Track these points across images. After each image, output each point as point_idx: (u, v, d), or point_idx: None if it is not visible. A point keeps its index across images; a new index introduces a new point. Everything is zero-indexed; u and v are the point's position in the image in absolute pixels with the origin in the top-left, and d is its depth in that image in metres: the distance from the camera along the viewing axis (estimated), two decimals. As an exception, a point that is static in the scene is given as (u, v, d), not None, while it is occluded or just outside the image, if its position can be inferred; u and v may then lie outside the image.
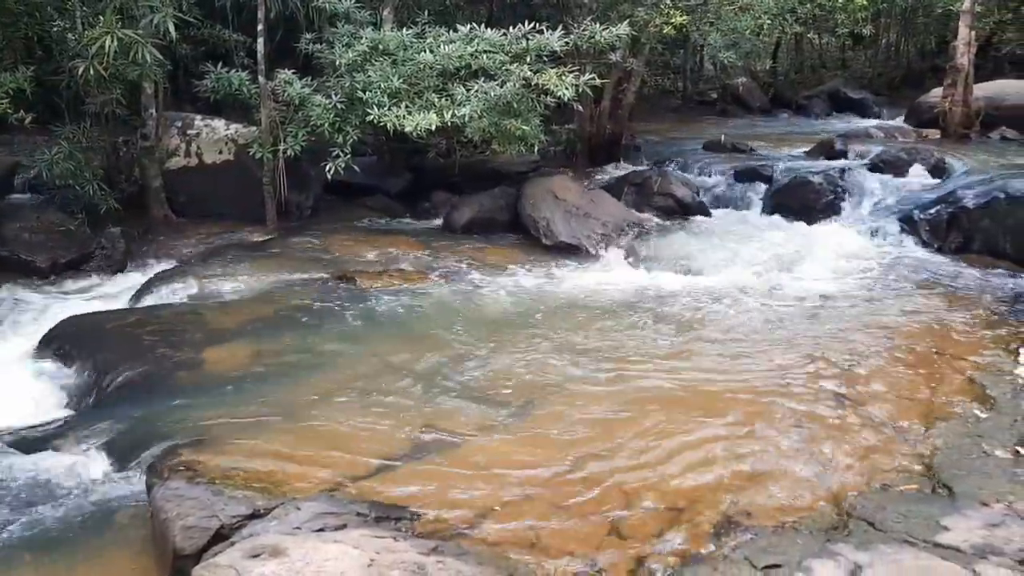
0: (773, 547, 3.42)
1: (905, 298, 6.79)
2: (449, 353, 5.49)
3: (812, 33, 19.19)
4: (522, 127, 7.67)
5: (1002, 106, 12.31)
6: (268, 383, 5.02)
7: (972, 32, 12.04)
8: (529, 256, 7.81)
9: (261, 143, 7.85)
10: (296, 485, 3.90)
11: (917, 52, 19.96)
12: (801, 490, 3.92)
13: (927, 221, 8.37)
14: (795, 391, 4.94)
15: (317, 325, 5.99)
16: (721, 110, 16.44)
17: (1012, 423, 4.48)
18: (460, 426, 4.50)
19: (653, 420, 4.57)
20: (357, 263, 7.35)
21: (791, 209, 9.24)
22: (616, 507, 3.78)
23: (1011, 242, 7.65)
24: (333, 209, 8.95)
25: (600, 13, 9.73)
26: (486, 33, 7.67)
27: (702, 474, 4.04)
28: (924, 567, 3.16)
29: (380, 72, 7.56)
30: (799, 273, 7.41)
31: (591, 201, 8.60)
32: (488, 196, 8.84)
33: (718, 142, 11.84)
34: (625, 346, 5.68)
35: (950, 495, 3.78)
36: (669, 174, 9.88)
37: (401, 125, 7.13)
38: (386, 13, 8.73)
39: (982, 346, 5.72)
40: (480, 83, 7.47)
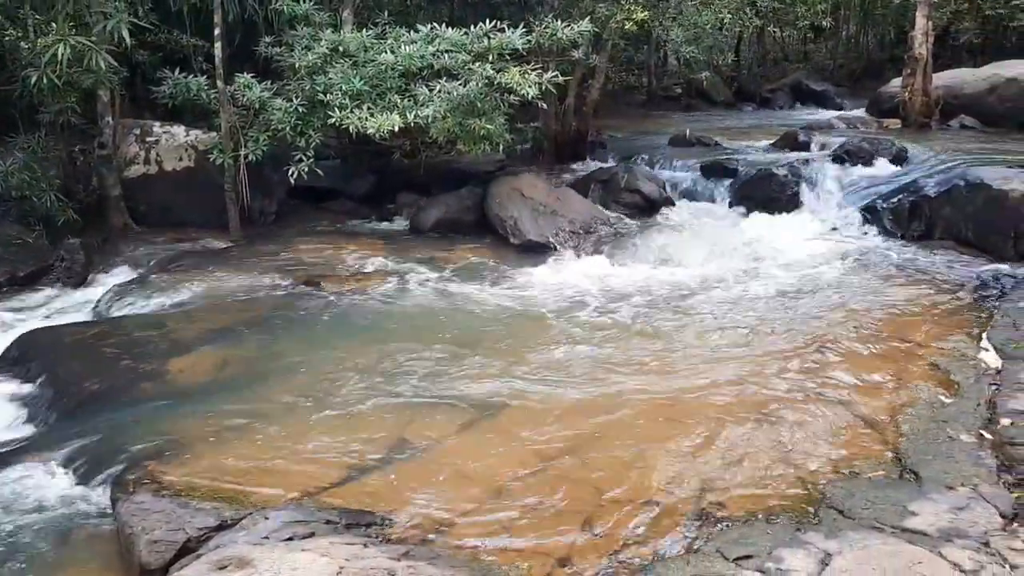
0: (745, 538, 3.43)
1: (870, 287, 6.86)
2: (417, 357, 5.45)
3: (772, 27, 19.35)
4: (486, 126, 7.63)
5: (961, 94, 12.48)
6: (234, 392, 4.95)
7: (929, 22, 12.22)
8: (497, 256, 7.79)
9: (222, 149, 7.75)
10: (265, 494, 3.85)
11: (877, 43, 20.21)
12: (772, 480, 3.94)
13: (890, 210, 8.47)
14: (764, 382, 4.97)
15: (283, 332, 5.92)
16: (686, 105, 16.52)
17: (976, 407, 4.53)
18: (430, 430, 4.47)
19: (624, 416, 4.57)
20: (322, 268, 7.29)
21: (757, 202, 9.30)
22: (588, 504, 3.77)
23: (972, 229, 7.76)
24: (297, 214, 8.86)
25: (562, 10, 9.73)
26: (447, 32, 7.64)
27: (674, 468, 4.04)
28: (892, 552, 3.18)
29: (341, 74, 7.50)
30: (765, 265, 7.46)
31: (558, 199, 8.60)
32: (454, 196, 8.81)
33: (683, 137, 11.88)
34: (595, 343, 5.67)
35: (917, 480, 3.82)
36: (636, 170, 9.90)
37: (364, 127, 7.07)
38: (346, 14, 8.65)
39: (946, 332, 5.78)
40: (443, 83, 7.43)
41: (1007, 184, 7.62)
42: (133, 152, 8.21)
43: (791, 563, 3.18)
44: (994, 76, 12.36)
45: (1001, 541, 3.23)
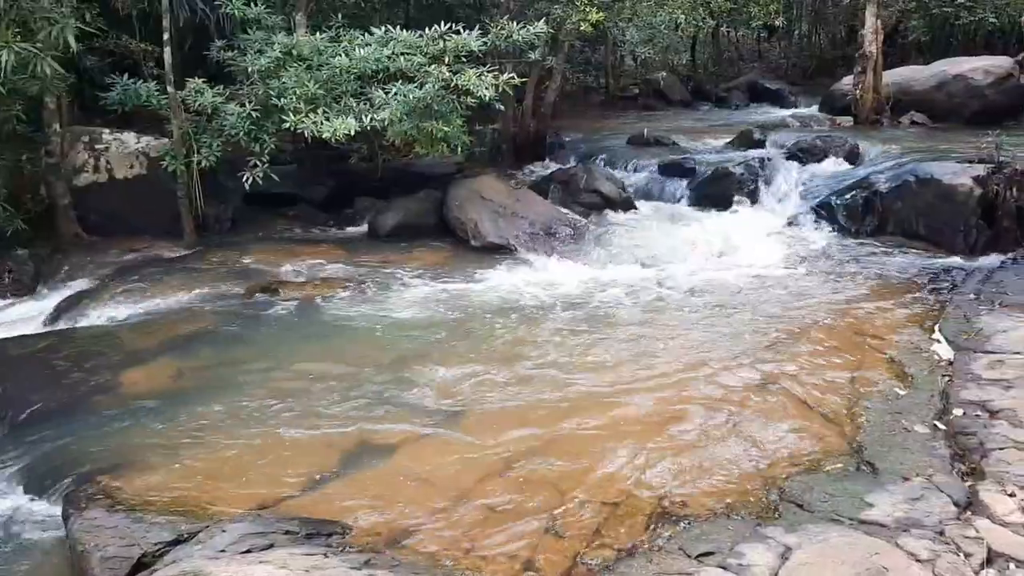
0: (706, 535, 3.45)
1: (825, 282, 6.95)
2: (377, 362, 5.41)
3: (725, 27, 19.57)
4: (444, 129, 7.60)
5: (910, 91, 12.70)
6: (190, 402, 4.86)
7: (879, 21, 12.43)
8: (457, 259, 7.76)
9: (174, 155, 7.61)
10: (222, 506, 3.79)
11: (828, 42, 20.51)
12: (733, 476, 3.97)
13: (843, 206, 8.59)
14: (723, 379, 5.01)
15: (239, 340, 5.83)
16: (644, 105, 16.59)
17: (930, 398, 4.61)
18: (391, 436, 4.43)
19: (585, 418, 4.57)
20: (280, 274, 7.19)
21: (714, 200, 9.38)
22: (552, 506, 3.76)
23: (923, 223, 7.91)
24: (253, 220, 8.73)
25: (517, 12, 9.73)
26: (402, 35, 7.59)
27: (637, 467, 4.06)
28: (850, 544, 3.22)
29: (295, 78, 7.41)
30: (722, 262, 7.53)
31: (518, 200, 8.59)
32: (413, 200, 8.75)
33: (642, 137, 11.95)
34: (555, 344, 5.67)
35: (873, 472, 3.87)
36: (595, 170, 9.93)
37: (319, 131, 6.99)
38: (299, 17, 8.56)
39: (900, 325, 5.89)
40: (399, 86, 7.38)
41: (956, 179, 7.77)
42: (82, 160, 8.02)
43: (752, 558, 3.21)
44: (941, 73, 12.60)
45: (955, 530, 3.28)
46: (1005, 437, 4.05)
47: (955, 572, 3.00)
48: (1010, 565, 3.04)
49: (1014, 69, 12.42)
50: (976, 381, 4.75)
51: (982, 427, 4.18)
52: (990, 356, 5.08)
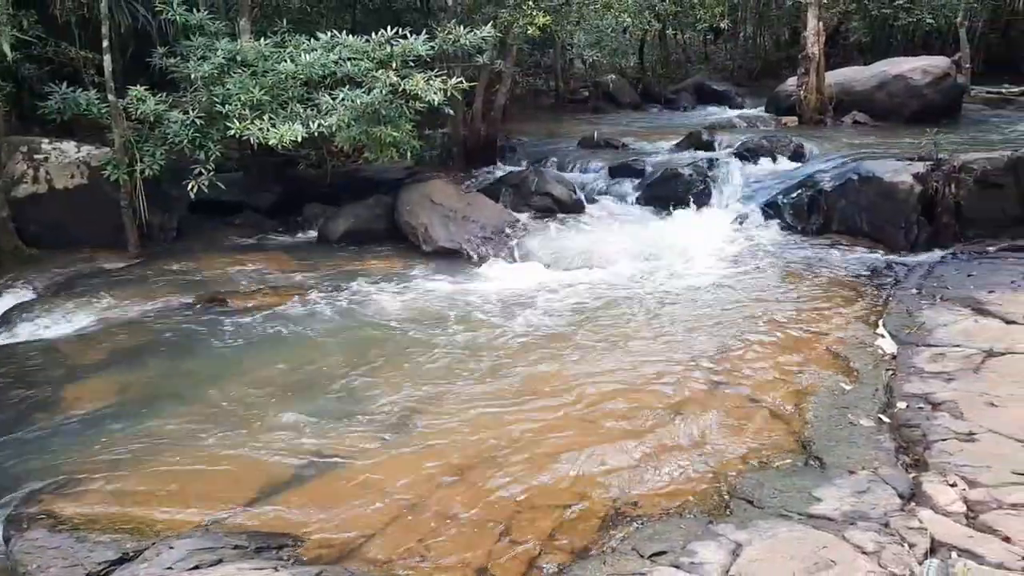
0: (659, 534, 3.48)
1: (772, 280, 7.06)
2: (328, 371, 5.35)
3: (671, 29, 19.78)
4: (393, 134, 7.57)
5: (852, 91, 12.95)
6: (136, 417, 4.76)
7: (820, 23, 12.67)
8: (409, 264, 7.71)
9: (116, 164, 7.45)
10: (169, 522, 3.72)
11: (773, 43, 20.88)
12: (685, 475, 4.01)
13: (789, 205, 8.73)
14: (674, 379, 5.05)
15: (187, 352, 5.73)
16: (594, 107, 16.69)
17: (874, 392, 4.71)
18: (343, 446, 4.39)
19: (539, 422, 4.58)
20: (228, 284, 7.08)
21: (664, 200, 9.46)
22: (506, 511, 3.76)
23: (866, 221, 8.07)
24: (200, 229, 8.58)
25: (465, 16, 9.72)
26: (348, 40, 7.53)
27: (589, 469, 4.07)
28: (799, 539, 3.27)
29: (239, 84, 7.31)
30: (672, 262, 7.58)
31: (469, 204, 8.58)
32: (363, 205, 8.68)
33: (592, 139, 12.01)
34: (507, 349, 5.66)
35: (822, 466, 3.94)
36: (546, 173, 9.96)
37: (265, 138, 6.90)
38: (243, 23, 8.43)
39: (845, 321, 6.00)
40: (346, 91, 7.32)
41: (897, 177, 7.95)
42: (21, 170, 7.80)
43: (704, 556, 3.24)
44: (882, 73, 12.89)
45: (900, 521, 3.35)
46: (947, 429, 4.15)
47: (899, 563, 3.06)
48: (952, 554, 3.10)
49: (951, 69, 12.77)
50: (919, 374, 4.87)
51: (925, 419, 4.28)
52: (932, 349, 5.21)
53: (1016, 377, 4.62)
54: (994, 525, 3.26)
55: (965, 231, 7.77)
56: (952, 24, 15.52)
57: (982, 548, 3.12)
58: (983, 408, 4.31)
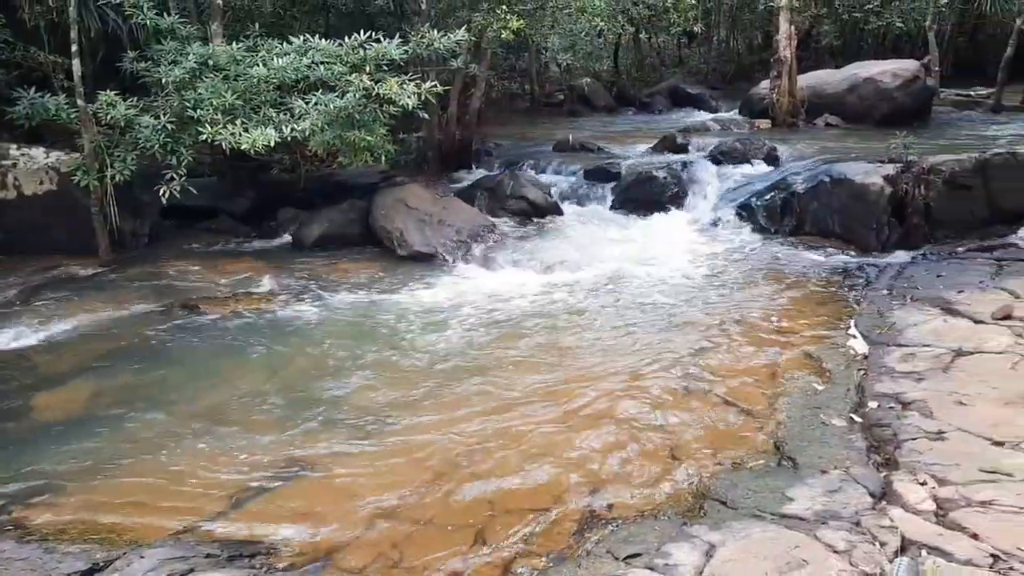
0: (634, 537, 3.48)
1: (746, 282, 7.11)
2: (303, 377, 5.32)
3: (644, 33, 19.88)
4: (367, 138, 7.54)
5: (824, 94, 13.11)
6: (107, 425, 4.70)
7: (792, 26, 12.82)
8: (384, 268, 7.68)
9: (86, 170, 7.35)
10: (141, 532, 3.68)
11: (746, 47, 21.07)
12: (660, 477, 4.02)
13: (763, 207, 8.81)
14: (647, 381, 5.07)
15: (160, 359, 5.67)
16: (569, 111, 16.74)
17: (846, 392, 4.75)
18: (318, 452, 4.36)
19: (514, 425, 4.57)
20: (201, 290, 7.01)
21: (638, 204, 9.51)
22: (481, 516, 3.76)
23: (838, 222, 8.16)
24: (172, 235, 8.50)
25: (438, 20, 9.72)
26: (321, 44, 7.49)
27: (564, 473, 4.08)
28: (772, 539, 3.29)
29: (211, 89, 7.24)
30: (647, 265, 7.62)
31: (444, 208, 8.56)
32: (337, 210, 8.64)
33: (567, 142, 12.03)
34: (482, 353, 5.66)
35: (794, 466, 3.97)
36: (521, 177, 9.97)
37: (237, 143, 6.84)
38: (215, 27, 8.37)
39: (818, 322, 6.06)
40: (319, 95, 7.28)
41: (868, 178, 8.04)
42: (-12, 177, 7.69)
43: (678, 557, 3.25)
44: (853, 76, 13.05)
45: (871, 520, 3.38)
46: (917, 428, 4.19)
47: (870, 562, 3.08)
48: (922, 552, 3.14)
49: (920, 72, 12.95)
50: (890, 374, 4.92)
51: (895, 419, 4.33)
52: (902, 349, 5.27)
53: (984, 376, 4.68)
54: (963, 523, 3.30)
55: (934, 232, 7.88)
56: (921, 28, 15.74)
57: (951, 545, 3.15)
58: (952, 407, 4.37)
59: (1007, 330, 5.33)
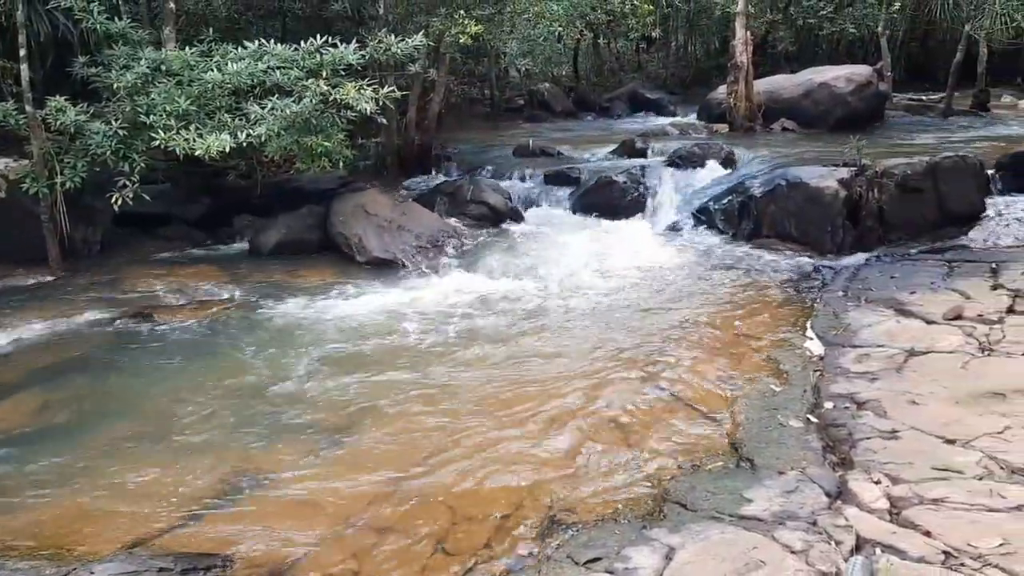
0: (594, 541, 3.48)
1: (705, 284, 7.17)
2: (259, 386, 5.24)
3: (603, 39, 20.01)
4: (324, 144, 7.46)
5: (780, 99, 13.29)
6: (57, 437, 4.60)
7: (748, 32, 12.97)
8: (342, 275, 7.61)
9: (35, 177, 7.18)
10: (92, 546, 3.60)
11: (704, 52, 21.30)
12: (620, 481, 4.03)
13: (721, 211, 8.89)
14: (607, 385, 5.08)
15: (112, 369, 5.55)
16: (529, 116, 16.76)
17: (803, 393, 4.80)
18: (274, 461, 4.30)
19: (474, 432, 4.55)
20: (155, 298, 6.89)
21: (598, 208, 9.55)
22: (441, 524, 3.73)
23: (794, 225, 8.26)
24: (126, 243, 8.33)
25: (396, 24, 9.67)
26: (276, 48, 7.40)
27: (525, 479, 4.06)
28: (730, 540, 3.31)
29: (164, 94, 7.12)
30: (607, 269, 7.64)
31: (403, 214, 8.52)
32: (295, 216, 8.55)
33: (527, 147, 12.04)
34: (443, 359, 5.63)
35: (752, 468, 4.00)
36: (481, 182, 9.96)
37: (191, 149, 6.74)
38: (167, 31, 8.24)
39: (775, 323, 6.13)
40: (275, 100, 7.20)
41: (823, 182, 8.15)
42: (-68, 185, 7.48)
43: (638, 561, 3.25)
44: (808, 82, 13.25)
45: (827, 519, 3.42)
46: (871, 427, 4.25)
47: (826, 561, 3.11)
48: (876, 550, 3.17)
49: (873, 77, 13.20)
50: (845, 375, 4.99)
51: (850, 418, 4.39)
52: (857, 350, 5.34)
53: (936, 376, 4.77)
54: (916, 520, 3.35)
55: (888, 234, 8.01)
56: (874, 34, 16.05)
57: (904, 543, 3.19)
58: (905, 406, 4.44)
59: (958, 330, 5.43)
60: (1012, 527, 3.23)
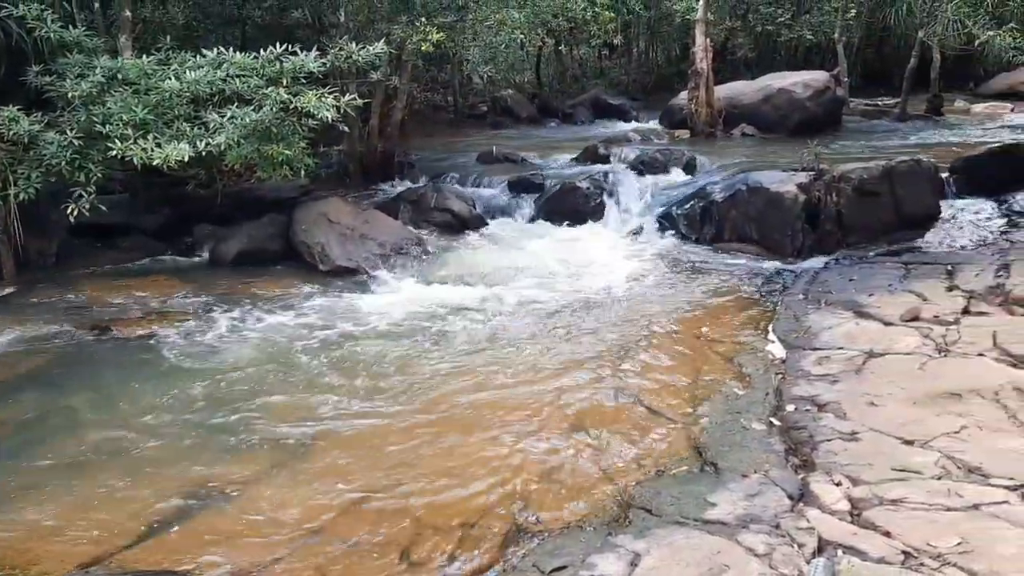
0: (559, 549, 3.48)
1: (668, 289, 7.22)
2: (220, 399, 5.16)
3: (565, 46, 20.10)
4: (285, 152, 7.39)
5: (740, 104, 13.47)
6: (11, 455, 4.49)
7: (708, 39, 13.13)
8: (305, 284, 7.54)
9: (-12, 188, 7.05)
10: (46, 566, 3.53)
11: (665, 58, 21.50)
12: (585, 488, 4.04)
13: (684, 216, 8.97)
14: (574, 392, 5.09)
15: (68, 383, 5.44)
16: (492, 122, 16.77)
17: (765, 396, 4.85)
18: (236, 475, 4.24)
19: (437, 442, 4.53)
20: (113, 310, 6.77)
21: (562, 214, 9.57)
22: (406, 535, 3.71)
23: (756, 229, 8.35)
24: (84, 254, 8.18)
25: (357, 32, 9.63)
26: (236, 57, 7.32)
27: (491, 487, 4.05)
28: (695, 545, 3.32)
29: (121, 103, 7.01)
30: (571, 275, 7.67)
31: (366, 222, 8.47)
32: (256, 225, 8.45)
33: (491, 154, 12.05)
34: (407, 368, 5.59)
35: (716, 471, 4.02)
36: (445, 189, 9.94)
37: (149, 158, 6.63)
38: (123, 40, 8.12)
39: (737, 327, 6.18)
40: (234, 109, 7.12)
41: (783, 187, 8.26)
42: None
43: (603, 568, 3.26)
44: (767, 87, 13.44)
45: (790, 522, 3.45)
46: (832, 429, 4.30)
47: (789, 564, 3.14)
48: (838, 552, 3.21)
49: (830, 83, 13.44)
50: (806, 377, 5.04)
51: (812, 421, 4.43)
52: (818, 352, 5.41)
53: (893, 377, 4.84)
54: (876, 521, 3.39)
55: (846, 237, 8.13)
56: (831, 40, 16.31)
57: (865, 544, 3.23)
58: (865, 408, 4.50)
59: (915, 331, 5.53)
60: (969, 526, 3.28)
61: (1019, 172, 8.73)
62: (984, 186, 8.77)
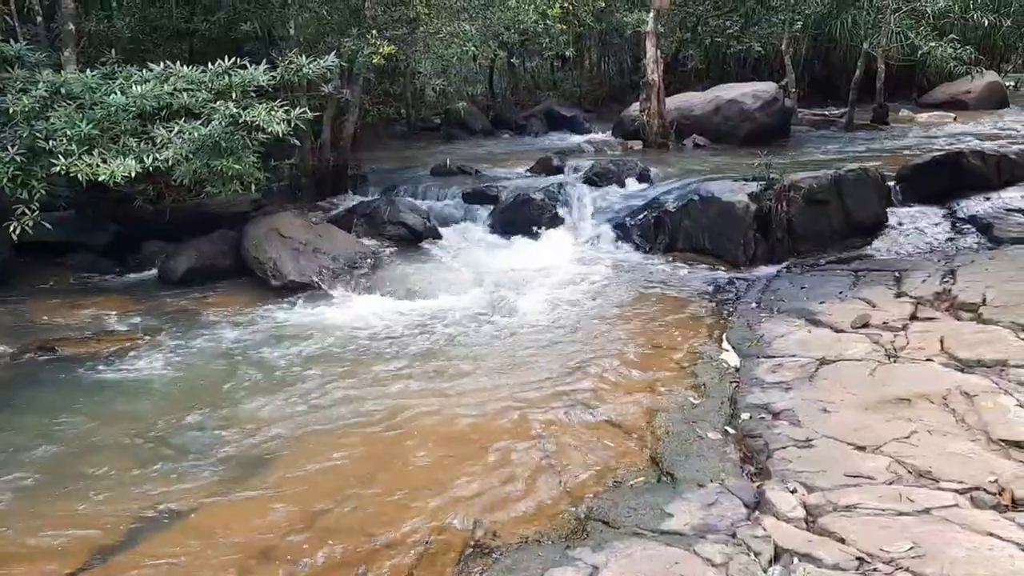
0: (517, 565, 3.46)
1: (622, 299, 7.25)
2: (169, 419, 5.05)
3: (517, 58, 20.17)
4: (235, 166, 7.26)
5: (691, 116, 13.64)
6: (-51, 483, 4.33)
7: (658, 51, 13.27)
8: (257, 300, 7.42)
9: (-75, 206, 6.82)
10: (-13, 598, 3.40)
11: (617, 70, 21.65)
12: (543, 502, 4.02)
13: (637, 226, 9.04)
14: (526, 405, 5.07)
15: (12, 406, 5.27)
16: (446, 135, 16.73)
17: (720, 405, 4.89)
18: (185, 497, 4.14)
19: (393, 459, 4.49)
20: (58, 330, 6.58)
21: (517, 226, 9.57)
22: (362, 554, 3.65)
23: (708, 239, 8.45)
24: (27, 273, 7.94)
25: (307, 45, 9.55)
26: (183, 70, 7.20)
27: (448, 505, 4.01)
28: (652, 556, 3.32)
29: (65, 118, 6.83)
30: (525, 287, 7.65)
31: (319, 236, 8.37)
32: (207, 241, 8.30)
33: (445, 166, 12.02)
34: (360, 384, 5.52)
35: (673, 481, 4.04)
36: (399, 202, 9.87)
37: (95, 174, 6.48)
38: (67, 54, 7.94)
39: (692, 336, 6.22)
40: (182, 123, 7.00)
41: (734, 196, 8.37)
42: None
43: (561, 583, 3.23)
44: (717, 99, 13.63)
45: (746, 531, 3.47)
46: (786, 436, 4.34)
47: (746, 573, 3.15)
48: (794, 560, 3.23)
49: (778, 93, 13.69)
50: (760, 385, 5.09)
51: (766, 428, 4.47)
52: (771, 360, 5.47)
53: (845, 383, 4.91)
54: (830, 527, 3.43)
55: (797, 246, 8.25)
56: (778, 52, 16.62)
57: (820, 551, 3.26)
58: (818, 415, 4.55)
59: (865, 338, 5.62)
60: (920, 530, 3.33)
61: (963, 180, 8.96)
62: (930, 193, 8.97)
